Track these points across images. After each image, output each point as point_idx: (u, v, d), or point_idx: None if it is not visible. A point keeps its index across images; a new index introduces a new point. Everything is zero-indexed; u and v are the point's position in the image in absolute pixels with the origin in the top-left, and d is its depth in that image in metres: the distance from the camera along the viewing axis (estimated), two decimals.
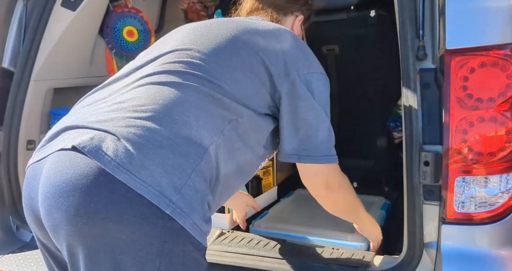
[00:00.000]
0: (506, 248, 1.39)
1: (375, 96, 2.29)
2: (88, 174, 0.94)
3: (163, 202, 0.94)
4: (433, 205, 1.45)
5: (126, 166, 0.94)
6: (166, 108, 1.05)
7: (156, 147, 0.98)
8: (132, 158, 0.95)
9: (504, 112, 1.31)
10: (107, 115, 1.05)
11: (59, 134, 1.08)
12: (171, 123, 1.03)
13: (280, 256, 1.64)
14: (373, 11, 2.07)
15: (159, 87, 1.10)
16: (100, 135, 0.99)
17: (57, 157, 1.00)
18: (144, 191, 0.93)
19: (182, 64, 1.16)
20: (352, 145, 2.44)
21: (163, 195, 0.95)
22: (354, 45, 2.19)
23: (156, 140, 0.99)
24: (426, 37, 1.45)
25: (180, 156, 1.00)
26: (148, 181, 0.94)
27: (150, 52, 1.28)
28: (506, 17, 1.30)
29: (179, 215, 0.96)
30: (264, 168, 2.25)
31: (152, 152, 0.97)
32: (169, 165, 0.98)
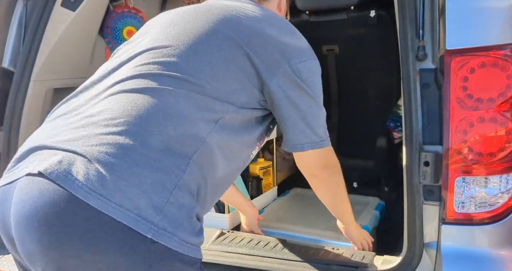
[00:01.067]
0: (506, 248, 1.39)
1: (375, 96, 2.29)
2: (58, 201, 0.86)
3: (143, 225, 0.86)
4: (433, 205, 1.45)
5: (99, 190, 0.86)
6: (140, 120, 0.96)
7: (131, 166, 0.90)
8: (104, 180, 0.87)
9: (504, 112, 1.31)
10: (77, 133, 0.96)
11: (29, 154, 0.99)
12: (147, 136, 0.94)
13: (280, 256, 1.64)
14: (373, 11, 2.07)
15: (132, 96, 1.00)
16: (69, 157, 0.91)
17: (25, 183, 0.93)
18: (121, 216, 0.85)
19: (157, 65, 1.06)
20: (352, 145, 2.45)
21: (143, 218, 0.87)
22: (354, 45, 2.19)
23: (130, 157, 0.90)
24: (426, 37, 1.45)
25: (159, 172, 0.92)
26: (124, 204, 0.86)
27: (125, 51, 1.18)
28: (506, 17, 1.30)
29: (163, 237, 0.88)
30: (264, 168, 2.25)
31: (127, 171, 0.89)
32: (147, 184, 0.89)
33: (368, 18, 2.08)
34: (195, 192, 0.99)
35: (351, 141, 2.44)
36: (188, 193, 0.96)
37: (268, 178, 2.28)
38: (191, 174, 0.97)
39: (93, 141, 0.93)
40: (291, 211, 2.20)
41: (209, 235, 1.79)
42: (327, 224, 1.96)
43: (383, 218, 2.18)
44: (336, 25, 2.15)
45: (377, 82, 2.25)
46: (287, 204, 2.29)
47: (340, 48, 2.21)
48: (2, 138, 1.99)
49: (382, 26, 2.09)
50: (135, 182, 0.89)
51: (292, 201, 2.34)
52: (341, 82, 2.30)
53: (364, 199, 2.31)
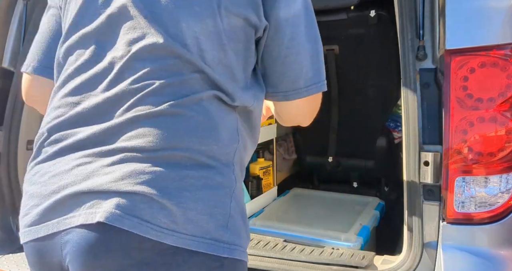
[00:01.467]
0: (506, 248, 1.39)
1: (375, 96, 2.29)
2: (131, 249, 0.82)
3: (218, 247, 0.86)
4: (433, 205, 1.45)
5: (171, 227, 0.82)
6: (181, 145, 0.87)
7: (194, 193, 0.85)
8: (173, 216, 0.83)
9: (504, 112, 1.31)
10: (119, 171, 0.84)
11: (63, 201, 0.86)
12: (195, 158, 0.87)
13: (280, 256, 1.64)
14: (373, 11, 2.07)
15: (157, 121, 0.87)
16: (125, 199, 0.83)
17: (82, 238, 0.83)
18: (196, 246, 0.84)
19: (163, 73, 0.90)
20: (352, 145, 2.45)
21: (215, 240, 0.86)
22: (354, 45, 2.19)
23: (190, 184, 0.85)
24: (426, 37, 1.45)
25: (217, 190, 0.88)
26: (197, 233, 0.84)
27: (98, 63, 0.94)
28: (506, 17, 1.30)
29: (234, 251, 0.88)
30: (264, 168, 2.25)
31: (192, 200, 0.85)
32: (211, 206, 0.86)
33: (368, 18, 2.09)
34: (241, 193, 0.97)
35: (351, 141, 2.44)
36: (239, 198, 0.94)
37: (268, 178, 2.28)
38: (237, 179, 0.94)
39: (143, 178, 0.84)
40: (291, 211, 2.20)
41: None
42: (327, 224, 1.97)
43: (383, 218, 2.18)
44: (336, 25, 2.15)
45: (377, 82, 2.25)
46: (287, 204, 2.30)
47: (340, 48, 2.21)
48: (2, 138, 1.99)
49: (382, 26, 2.09)
50: (202, 209, 0.85)
51: (292, 201, 2.34)
52: (341, 82, 2.30)
53: (364, 199, 2.31)
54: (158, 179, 0.84)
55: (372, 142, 2.39)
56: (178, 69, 0.90)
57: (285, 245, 1.72)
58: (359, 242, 1.77)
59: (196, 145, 0.88)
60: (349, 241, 1.77)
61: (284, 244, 1.73)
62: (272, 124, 2.27)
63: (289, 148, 2.59)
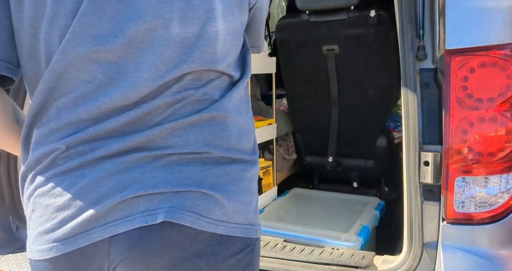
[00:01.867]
0: (506, 248, 1.39)
1: (375, 96, 2.29)
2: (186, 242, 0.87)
3: (254, 231, 0.95)
4: (433, 205, 1.45)
5: (222, 219, 0.89)
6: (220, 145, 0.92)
7: (238, 186, 0.92)
8: (224, 208, 0.90)
9: (504, 112, 1.31)
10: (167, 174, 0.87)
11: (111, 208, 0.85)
12: (233, 157, 0.93)
13: (280, 256, 1.64)
14: (373, 11, 2.07)
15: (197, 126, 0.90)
16: (183, 197, 0.87)
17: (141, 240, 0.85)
18: (239, 232, 0.92)
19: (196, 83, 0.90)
20: (352, 145, 2.45)
21: (252, 225, 0.95)
22: (354, 45, 2.19)
23: (234, 178, 0.92)
24: (426, 37, 1.45)
25: (253, 180, 0.98)
26: (240, 221, 0.92)
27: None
28: (506, 17, 1.30)
29: (261, 231, 0.99)
30: (264, 168, 2.25)
31: (237, 193, 0.92)
32: (250, 196, 0.95)
33: (368, 18, 2.09)
34: None
35: (351, 141, 2.44)
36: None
37: (268, 178, 2.28)
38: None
39: (194, 177, 0.88)
40: (291, 211, 2.20)
41: None
42: (327, 224, 1.97)
43: (383, 218, 2.18)
44: (336, 25, 2.15)
45: (377, 82, 2.25)
46: (287, 204, 2.30)
47: (340, 48, 2.21)
48: None
49: (382, 26, 2.09)
50: (245, 199, 0.94)
51: (291, 201, 2.34)
52: (341, 82, 2.30)
53: (364, 199, 2.32)
54: (208, 176, 0.89)
55: (372, 142, 2.39)
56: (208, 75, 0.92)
57: (285, 245, 1.72)
58: (359, 242, 1.77)
59: (232, 144, 0.93)
60: (349, 241, 1.77)
61: (284, 244, 1.73)
62: (272, 124, 2.27)
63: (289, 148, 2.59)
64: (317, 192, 2.52)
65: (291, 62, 2.37)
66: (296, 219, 2.06)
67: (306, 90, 2.42)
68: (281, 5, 4.40)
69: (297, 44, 2.30)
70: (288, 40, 2.31)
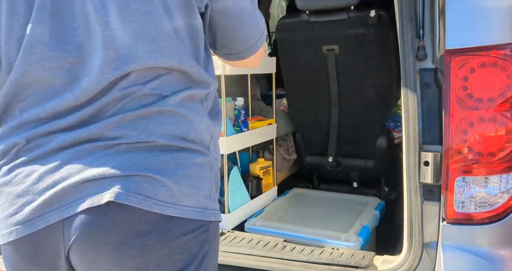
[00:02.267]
0: (506, 248, 1.39)
1: (375, 96, 2.29)
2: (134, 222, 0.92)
3: (206, 214, 1.00)
4: (433, 205, 1.45)
5: (170, 200, 0.95)
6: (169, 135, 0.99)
7: (185, 171, 0.98)
8: (171, 191, 0.95)
9: (504, 112, 1.31)
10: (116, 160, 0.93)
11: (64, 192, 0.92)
12: (181, 145, 0.99)
13: (280, 256, 1.64)
14: (373, 11, 2.07)
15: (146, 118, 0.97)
16: (129, 181, 0.92)
17: (92, 220, 0.91)
18: (191, 214, 0.97)
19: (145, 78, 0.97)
20: (352, 145, 2.45)
21: (204, 208, 1.00)
22: (354, 45, 2.19)
23: (181, 165, 0.98)
24: (426, 37, 1.45)
25: (201, 167, 1.02)
26: (191, 204, 0.98)
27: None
28: (506, 17, 1.30)
29: (216, 215, 1.04)
30: (264, 168, 2.25)
31: (185, 177, 0.98)
32: (199, 181, 1.00)
33: (368, 18, 2.09)
34: (218, 170, 1.11)
35: (351, 141, 2.44)
36: (217, 174, 1.09)
37: (268, 178, 2.28)
38: (214, 157, 1.08)
39: (141, 162, 0.95)
40: (291, 211, 2.20)
41: None
42: (327, 224, 1.97)
43: (383, 218, 2.18)
44: (336, 25, 2.15)
45: (377, 82, 2.25)
46: (287, 204, 2.30)
47: (340, 48, 2.21)
48: None
49: (382, 26, 2.09)
50: (193, 184, 0.99)
51: (292, 201, 2.34)
52: (341, 82, 2.30)
53: (364, 199, 2.31)
54: (155, 162, 0.95)
55: (372, 142, 2.39)
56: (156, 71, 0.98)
57: (285, 245, 1.72)
58: (359, 242, 1.77)
59: (179, 135, 0.99)
60: (349, 241, 1.77)
61: (284, 244, 1.73)
62: (272, 124, 2.27)
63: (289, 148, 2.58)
64: (317, 192, 2.52)
65: (291, 62, 2.37)
66: (296, 219, 2.06)
67: (306, 90, 2.42)
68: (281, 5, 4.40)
69: (297, 44, 2.29)
70: (288, 40, 2.30)
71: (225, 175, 1.93)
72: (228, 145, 1.91)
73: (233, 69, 1.86)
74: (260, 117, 2.32)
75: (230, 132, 1.94)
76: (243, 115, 2.06)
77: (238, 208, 2.00)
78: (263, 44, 1.19)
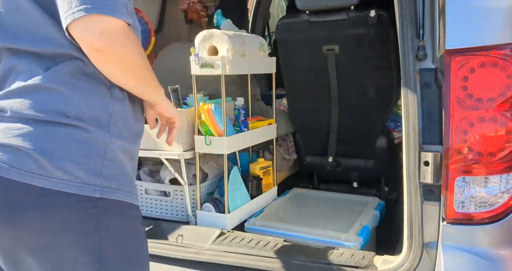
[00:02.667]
0: (506, 248, 1.39)
1: (375, 96, 2.29)
2: (3, 191, 0.97)
3: (89, 189, 1.01)
4: (433, 205, 1.45)
5: (38, 172, 0.97)
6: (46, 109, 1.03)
7: (59, 145, 1.01)
8: (39, 163, 0.98)
9: (504, 112, 1.31)
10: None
11: None
12: (58, 121, 1.02)
13: (280, 256, 1.64)
14: (373, 11, 2.07)
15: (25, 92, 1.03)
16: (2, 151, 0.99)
17: None
18: (67, 188, 0.99)
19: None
20: (352, 145, 2.45)
21: (86, 184, 1.01)
22: (354, 45, 2.19)
23: (57, 138, 1.01)
24: (426, 37, 1.45)
25: (87, 144, 1.03)
26: (66, 178, 0.99)
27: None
28: (506, 17, 1.30)
29: (108, 193, 1.03)
30: (264, 168, 2.25)
31: (58, 151, 1.00)
32: (79, 156, 1.01)
33: (368, 18, 2.08)
34: (125, 150, 1.11)
35: (351, 141, 2.44)
36: (118, 154, 1.08)
37: (268, 178, 2.28)
38: (114, 136, 1.07)
39: (12, 132, 1.00)
40: (291, 211, 2.20)
41: (209, 235, 1.79)
42: (327, 224, 1.97)
43: (383, 218, 2.18)
44: (336, 25, 2.15)
45: (377, 82, 2.25)
46: (287, 204, 2.30)
47: (340, 48, 2.21)
48: None
49: (382, 26, 2.09)
50: (69, 158, 1.00)
51: (292, 201, 2.34)
52: (341, 82, 2.30)
53: (364, 199, 2.31)
54: (26, 134, 0.99)
55: (372, 142, 2.39)
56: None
57: (285, 245, 1.72)
58: (359, 242, 1.77)
59: (57, 110, 1.02)
60: (349, 241, 1.77)
61: (284, 244, 1.73)
62: (272, 124, 2.27)
63: (289, 148, 2.58)
64: (317, 192, 2.52)
65: (291, 62, 2.37)
66: (296, 219, 2.06)
67: (306, 90, 2.42)
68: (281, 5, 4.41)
69: (297, 44, 2.29)
70: (288, 40, 2.30)
71: (225, 175, 1.93)
72: (228, 145, 1.91)
73: (233, 69, 1.86)
74: (260, 117, 2.32)
75: (230, 132, 1.94)
76: (243, 115, 2.06)
77: (238, 208, 2.00)
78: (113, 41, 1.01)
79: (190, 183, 1.99)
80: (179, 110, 1.90)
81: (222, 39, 1.85)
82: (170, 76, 2.10)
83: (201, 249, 1.72)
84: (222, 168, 1.97)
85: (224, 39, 1.84)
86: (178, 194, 2.03)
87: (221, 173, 2.12)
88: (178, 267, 1.75)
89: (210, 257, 1.69)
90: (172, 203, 2.05)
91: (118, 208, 1.06)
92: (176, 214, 2.06)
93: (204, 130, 1.92)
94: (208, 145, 1.90)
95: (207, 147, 1.90)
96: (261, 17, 3.85)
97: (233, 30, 2.14)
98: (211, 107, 1.87)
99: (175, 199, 2.04)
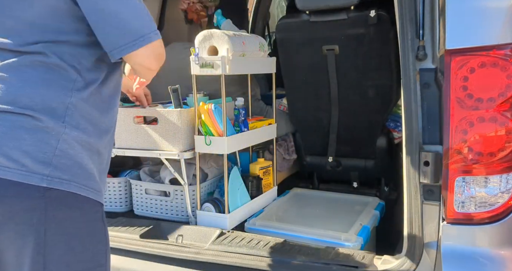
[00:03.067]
0: (506, 248, 1.39)
1: (375, 96, 2.29)
2: None
3: (35, 178, 0.99)
4: (433, 205, 1.45)
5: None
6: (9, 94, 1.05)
7: (6, 133, 1.00)
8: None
9: (504, 112, 1.31)
10: None
11: None
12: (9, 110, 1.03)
13: (280, 256, 1.64)
14: (373, 11, 2.07)
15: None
16: None
17: None
18: (10, 176, 0.97)
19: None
20: (352, 145, 2.45)
21: (33, 173, 0.99)
22: (354, 45, 2.19)
23: (4, 126, 1.01)
24: (426, 37, 1.45)
25: (36, 132, 1.02)
26: (11, 166, 0.98)
27: None
28: (506, 17, 1.30)
29: (59, 184, 1.01)
30: (264, 168, 2.25)
31: (4, 139, 1.00)
32: (28, 145, 1.00)
33: (368, 18, 2.08)
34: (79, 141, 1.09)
35: (351, 141, 2.44)
36: (74, 144, 1.06)
37: (268, 178, 2.28)
38: (70, 127, 1.06)
39: None
40: (291, 211, 2.20)
41: (209, 235, 1.79)
42: (327, 224, 1.97)
43: (383, 218, 2.18)
44: (336, 25, 2.15)
45: (377, 82, 2.25)
46: (287, 204, 2.29)
47: (340, 48, 2.21)
48: None
49: (382, 26, 2.09)
50: (15, 146, 0.99)
51: (292, 201, 2.34)
52: (341, 82, 2.30)
53: (364, 199, 2.31)
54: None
55: (372, 142, 2.39)
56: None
57: (285, 245, 1.72)
58: (359, 242, 1.77)
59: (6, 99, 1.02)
60: (349, 241, 1.77)
61: (284, 244, 1.73)
62: (272, 124, 2.27)
63: (289, 148, 2.58)
64: (317, 192, 2.52)
65: (291, 62, 2.37)
66: (296, 219, 2.06)
67: (306, 90, 2.42)
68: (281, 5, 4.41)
69: (297, 44, 2.29)
70: (288, 40, 2.30)
71: (225, 175, 1.93)
72: (228, 145, 1.91)
73: (233, 69, 1.86)
74: (260, 117, 2.32)
75: (230, 132, 1.94)
76: (243, 115, 2.06)
77: (238, 208, 2.00)
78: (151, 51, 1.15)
79: (190, 183, 1.99)
80: (179, 110, 1.90)
81: (222, 39, 1.85)
82: (170, 76, 2.10)
83: (201, 249, 1.72)
84: (222, 168, 1.97)
85: (224, 39, 1.84)
86: (178, 194, 2.03)
87: (221, 173, 2.12)
88: (178, 267, 1.75)
89: (210, 257, 1.69)
90: (172, 203, 2.05)
91: (70, 200, 1.04)
92: (176, 214, 2.06)
93: (204, 130, 1.92)
94: (208, 145, 1.90)
95: (207, 147, 1.90)
96: (261, 17, 3.86)
97: (233, 30, 2.14)
98: (211, 107, 1.88)
99: (175, 199, 2.04)
